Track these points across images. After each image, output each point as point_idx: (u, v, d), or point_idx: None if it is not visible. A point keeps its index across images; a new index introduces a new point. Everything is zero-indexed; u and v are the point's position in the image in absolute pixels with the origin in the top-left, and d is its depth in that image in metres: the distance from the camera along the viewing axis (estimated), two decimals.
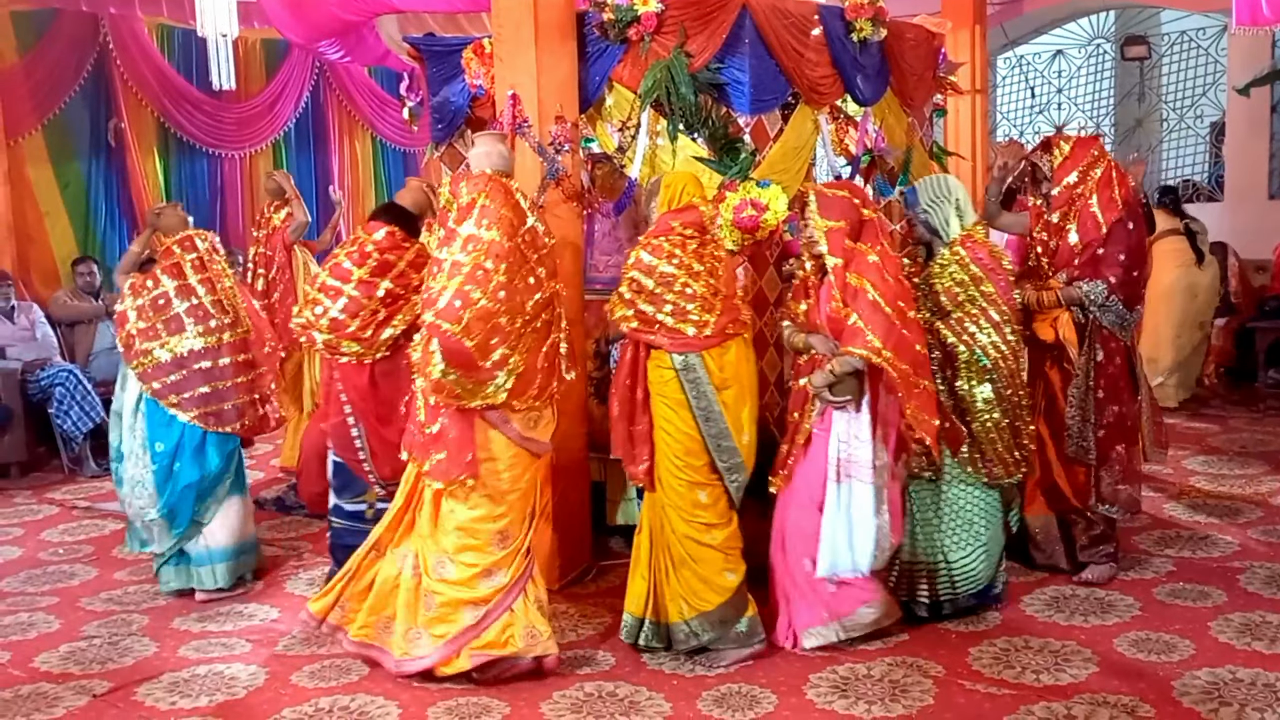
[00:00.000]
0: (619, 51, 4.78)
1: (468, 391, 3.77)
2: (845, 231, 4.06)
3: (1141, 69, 10.78)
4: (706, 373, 3.98)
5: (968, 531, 4.36)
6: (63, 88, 8.60)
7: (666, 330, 3.98)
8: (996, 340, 4.30)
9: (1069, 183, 4.61)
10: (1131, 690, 3.74)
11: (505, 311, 3.76)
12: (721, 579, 4.05)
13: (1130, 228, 4.57)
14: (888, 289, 4.00)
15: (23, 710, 3.88)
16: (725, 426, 4.01)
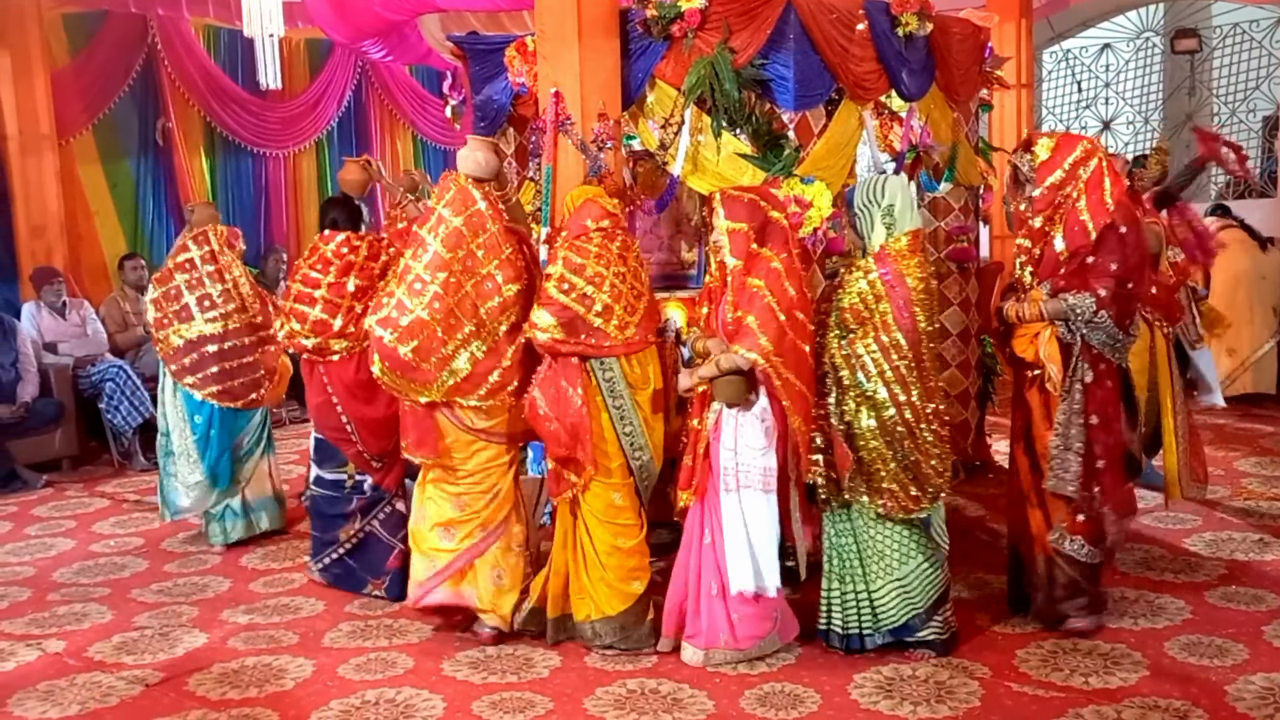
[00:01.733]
0: (662, 48, 4.77)
1: (409, 389, 4.11)
2: (748, 234, 3.96)
3: (1192, 62, 10.60)
4: (622, 373, 4.09)
5: (879, 564, 4.00)
6: (112, 88, 8.75)
7: (593, 332, 4.03)
8: (885, 367, 3.86)
9: (1052, 183, 4.07)
10: (1183, 695, 3.68)
11: (444, 320, 4.02)
12: (627, 586, 4.14)
13: (1123, 233, 4.03)
14: (784, 297, 3.89)
15: (78, 699, 3.95)
16: (639, 426, 4.12)
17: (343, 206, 4.97)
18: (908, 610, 4.00)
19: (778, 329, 3.85)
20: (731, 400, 3.94)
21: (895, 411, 3.87)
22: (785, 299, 3.89)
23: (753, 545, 3.96)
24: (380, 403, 4.61)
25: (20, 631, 4.62)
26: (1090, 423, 4.09)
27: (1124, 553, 4.71)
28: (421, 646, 4.30)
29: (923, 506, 3.97)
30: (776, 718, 3.64)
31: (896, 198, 3.98)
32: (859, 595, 4.03)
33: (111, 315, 8.01)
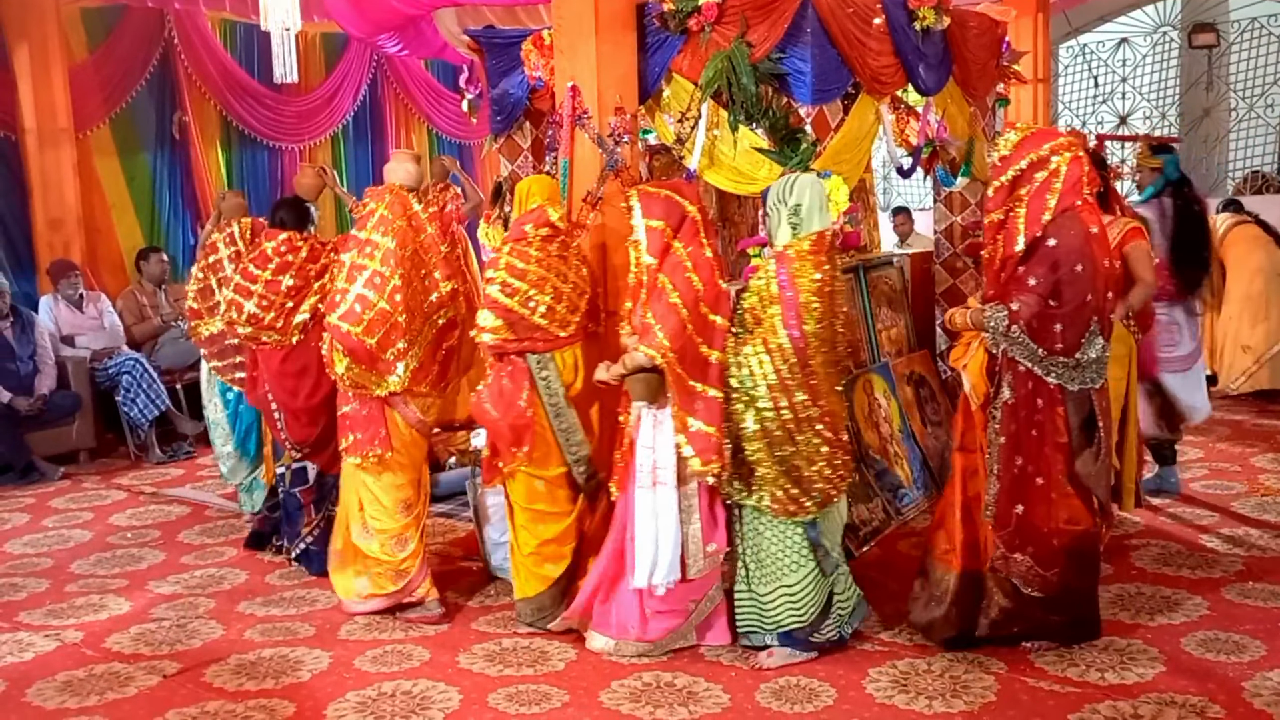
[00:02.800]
0: (679, 42, 4.76)
1: (372, 383, 4.38)
2: (664, 232, 3.95)
3: (1209, 57, 10.53)
4: (558, 370, 4.23)
5: (763, 568, 3.97)
6: (129, 82, 8.77)
7: (536, 330, 4.16)
8: (768, 370, 3.80)
9: (1003, 182, 3.83)
10: (1200, 690, 3.67)
11: (403, 311, 4.30)
12: (540, 569, 4.29)
13: (1051, 246, 3.72)
14: (689, 291, 3.86)
15: (96, 689, 3.98)
16: (574, 421, 4.26)
17: (291, 208, 5.19)
18: (793, 620, 3.96)
19: (677, 325, 3.84)
20: (642, 397, 3.95)
21: (774, 414, 3.82)
22: (690, 293, 3.87)
23: (659, 543, 3.96)
24: (300, 396, 4.95)
25: (39, 622, 4.65)
26: (1003, 442, 3.84)
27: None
28: (437, 639, 4.32)
29: (806, 511, 3.91)
30: (792, 712, 3.64)
31: (804, 197, 3.92)
32: (746, 594, 4.03)
33: (128, 308, 8.04)
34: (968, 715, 3.58)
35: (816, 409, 3.85)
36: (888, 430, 5.70)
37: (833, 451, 3.90)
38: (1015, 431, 3.83)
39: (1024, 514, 3.86)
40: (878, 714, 3.61)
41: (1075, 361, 3.79)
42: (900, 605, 4.32)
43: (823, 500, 3.92)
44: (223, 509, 6.24)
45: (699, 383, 3.86)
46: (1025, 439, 3.83)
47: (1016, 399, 3.81)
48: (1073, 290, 3.74)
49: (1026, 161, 3.79)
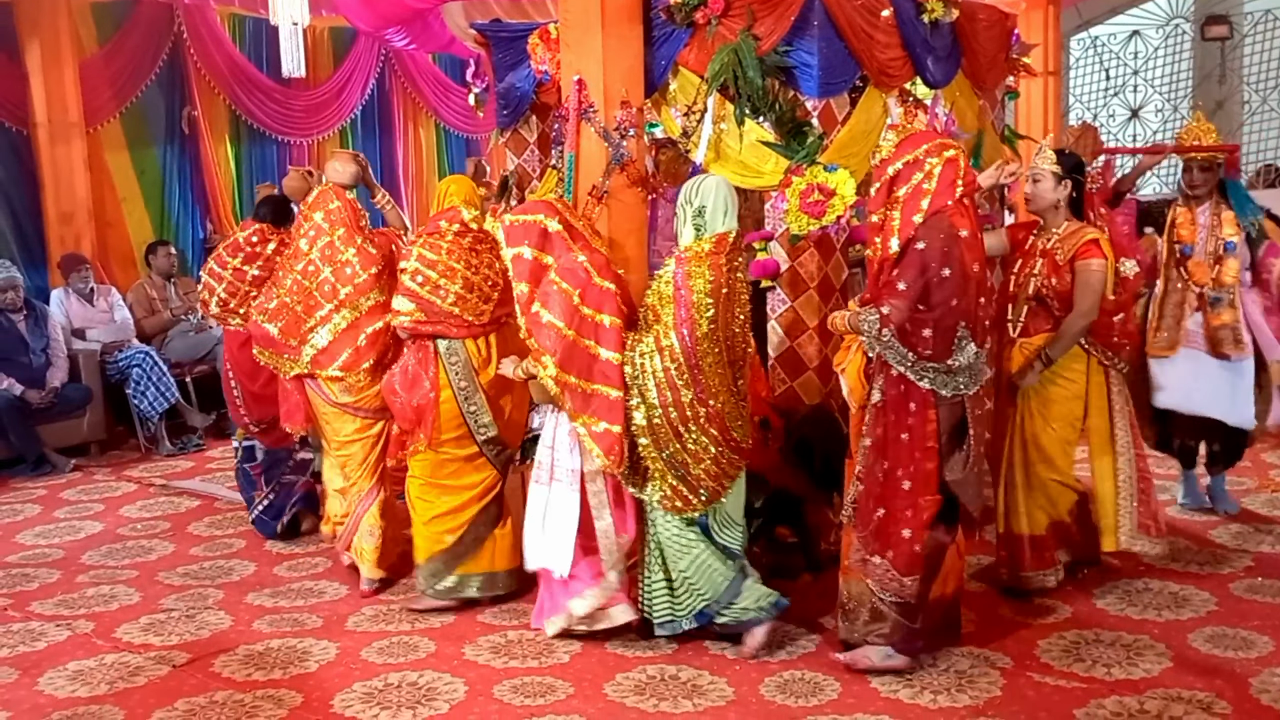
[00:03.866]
0: (685, 35, 4.75)
1: (280, 363, 4.89)
2: (529, 257, 4.04)
3: (1222, 50, 10.47)
4: (468, 356, 4.43)
5: (653, 556, 4.06)
6: (139, 76, 8.82)
7: (446, 316, 4.39)
8: (656, 367, 3.86)
9: (882, 182, 3.78)
10: (1207, 686, 3.66)
11: (303, 301, 4.75)
12: (439, 537, 4.53)
13: (920, 249, 3.62)
14: (565, 305, 3.92)
15: (106, 678, 4.00)
16: (483, 404, 4.45)
17: (273, 204, 5.50)
18: (697, 600, 4.02)
19: (557, 340, 3.92)
20: (542, 399, 4.14)
21: (661, 412, 3.87)
22: (566, 306, 3.93)
23: (548, 533, 4.11)
24: (260, 379, 5.29)
25: (50, 612, 4.68)
26: (867, 444, 3.79)
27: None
28: (443, 631, 4.33)
29: (694, 508, 3.96)
30: (796, 705, 3.65)
31: (709, 199, 3.94)
32: (657, 582, 4.09)
33: (139, 301, 8.08)
34: (973, 710, 3.58)
35: (704, 409, 3.88)
36: None
37: (720, 451, 3.93)
38: (882, 434, 3.76)
39: (885, 517, 3.78)
40: (882, 708, 3.61)
41: (947, 367, 3.69)
42: None
43: (710, 498, 3.98)
44: (231, 501, 6.26)
45: (595, 384, 3.92)
46: (894, 442, 3.75)
47: (886, 402, 3.75)
48: (940, 295, 3.64)
49: (903, 163, 3.73)
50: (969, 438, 3.77)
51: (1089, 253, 4.26)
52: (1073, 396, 4.38)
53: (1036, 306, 4.37)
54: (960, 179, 3.68)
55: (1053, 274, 4.30)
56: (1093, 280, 4.25)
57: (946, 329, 3.67)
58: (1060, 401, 4.37)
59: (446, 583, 4.53)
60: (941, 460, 3.76)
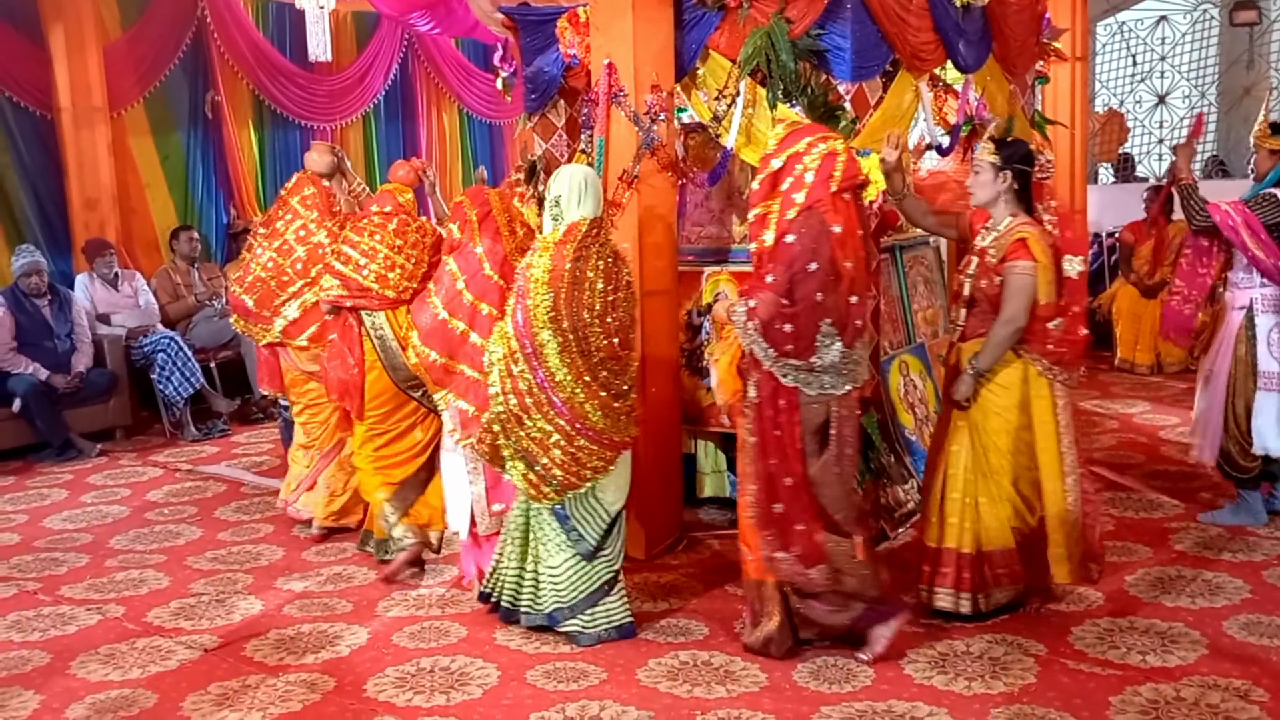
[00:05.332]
0: (716, 19, 4.72)
1: (255, 331, 5.33)
2: (455, 237, 4.38)
3: (1251, 35, 10.36)
4: (392, 329, 4.71)
5: (541, 548, 4.07)
6: (163, 61, 8.80)
7: (366, 292, 4.72)
8: (500, 353, 3.95)
9: (765, 175, 3.73)
10: (1243, 674, 3.63)
11: (276, 276, 5.18)
12: (389, 476, 4.84)
13: (788, 243, 3.58)
14: (450, 289, 4.25)
15: (139, 662, 4.02)
16: (409, 372, 4.62)
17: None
18: (554, 600, 4.03)
19: (429, 318, 4.28)
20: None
21: (503, 398, 3.94)
22: (450, 290, 4.26)
23: (454, 498, 4.46)
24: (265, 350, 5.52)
25: (80, 596, 4.70)
26: (753, 441, 3.76)
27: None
28: (474, 616, 4.33)
29: (547, 496, 3.96)
30: (830, 691, 3.63)
31: (563, 189, 3.97)
32: (523, 571, 4.12)
33: (163, 286, 8.11)
34: (1008, 697, 3.56)
35: (545, 396, 3.88)
36: (923, 411, 5.66)
37: (569, 442, 3.91)
38: (762, 431, 3.73)
39: (783, 513, 3.74)
40: (917, 694, 3.60)
41: (809, 365, 3.64)
42: None
43: (562, 487, 3.95)
44: (258, 486, 6.29)
45: (460, 363, 4.23)
46: (771, 438, 3.72)
47: (761, 398, 3.71)
48: (803, 290, 3.59)
49: (786, 156, 3.68)
50: (831, 439, 3.71)
51: (1016, 253, 3.93)
52: (1009, 406, 4.03)
53: (974, 308, 4.09)
54: (837, 173, 3.62)
55: (983, 275, 4.01)
56: (1016, 284, 3.92)
57: (809, 325, 3.61)
58: (996, 412, 4.04)
59: (396, 533, 4.82)
60: (806, 459, 3.71)
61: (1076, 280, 4.08)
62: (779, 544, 3.75)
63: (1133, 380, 8.29)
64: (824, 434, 3.72)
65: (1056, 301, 3.98)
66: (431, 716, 3.56)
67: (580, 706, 3.58)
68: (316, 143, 5.62)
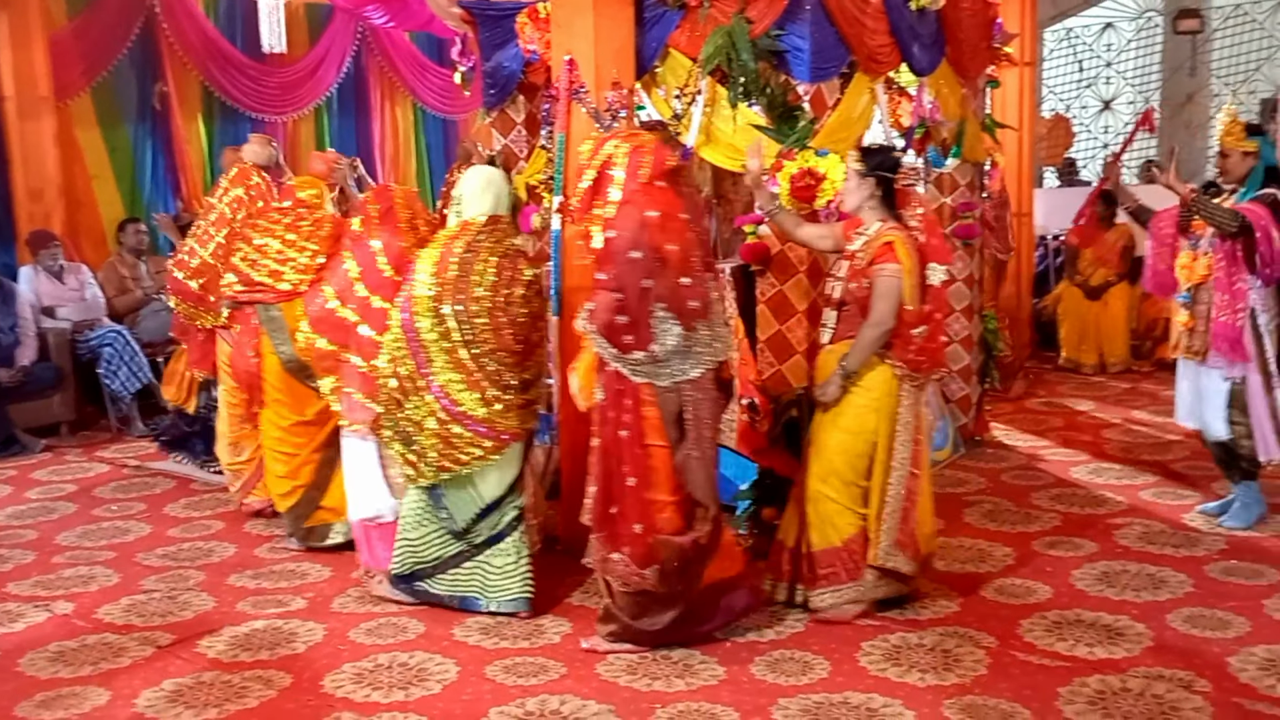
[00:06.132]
0: (676, 17, 4.75)
1: (199, 316, 5.45)
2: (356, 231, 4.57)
3: (1193, 43, 10.61)
4: (283, 316, 4.86)
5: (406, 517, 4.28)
6: (111, 51, 8.62)
7: (261, 285, 4.91)
8: (390, 338, 4.14)
9: (585, 185, 3.83)
10: (1187, 666, 3.73)
11: (224, 261, 5.21)
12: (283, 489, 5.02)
13: (613, 237, 3.66)
14: (343, 280, 4.43)
15: (90, 659, 3.96)
16: (299, 361, 4.77)
17: None
18: (414, 564, 4.27)
19: (318, 308, 4.50)
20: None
21: (385, 381, 4.14)
22: (344, 281, 4.45)
23: (355, 483, 4.52)
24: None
25: (27, 593, 4.62)
26: (596, 445, 3.84)
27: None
28: (432, 612, 4.31)
29: (424, 476, 4.13)
30: (787, 684, 3.68)
31: (465, 188, 4.19)
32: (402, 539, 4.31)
33: (110, 279, 7.97)
34: (960, 688, 3.63)
35: (425, 381, 4.05)
36: None
37: (444, 427, 4.05)
38: (605, 433, 3.80)
39: (618, 514, 3.80)
40: (872, 686, 3.65)
41: (651, 355, 3.68)
42: None
43: (437, 470, 4.10)
44: (208, 483, 6.21)
45: (350, 352, 4.39)
46: (615, 439, 3.76)
47: (607, 399, 3.78)
48: (630, 279, 3.65)
49: (599, 164, 3.78)
50: (688, 425, 3.75)
51: (882, 257, 3.96)
52: (867, 406, 4.05)
53: (843, 311, 4.11)
54: (644, 166, 3.71)
55: (853, 278, 4.04)
56: (884, 286, 3.95)
57: (642, 313, 3.65)
58: (852, 411, 4.06)
59: (308, 526, 4.98)
60: (673, 450, 3.75)
61: (939, 288, 4.08)
62: (614, 545, 3.83)
63: (1078, 380, 8.46)
64: (682, 422, 3.77)
65: (921, 308, 4.01)
66: (391, 712, 3.55)
67: (540, 701, 3.59)
68: (256, 135, 5.74)
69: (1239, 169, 4.85)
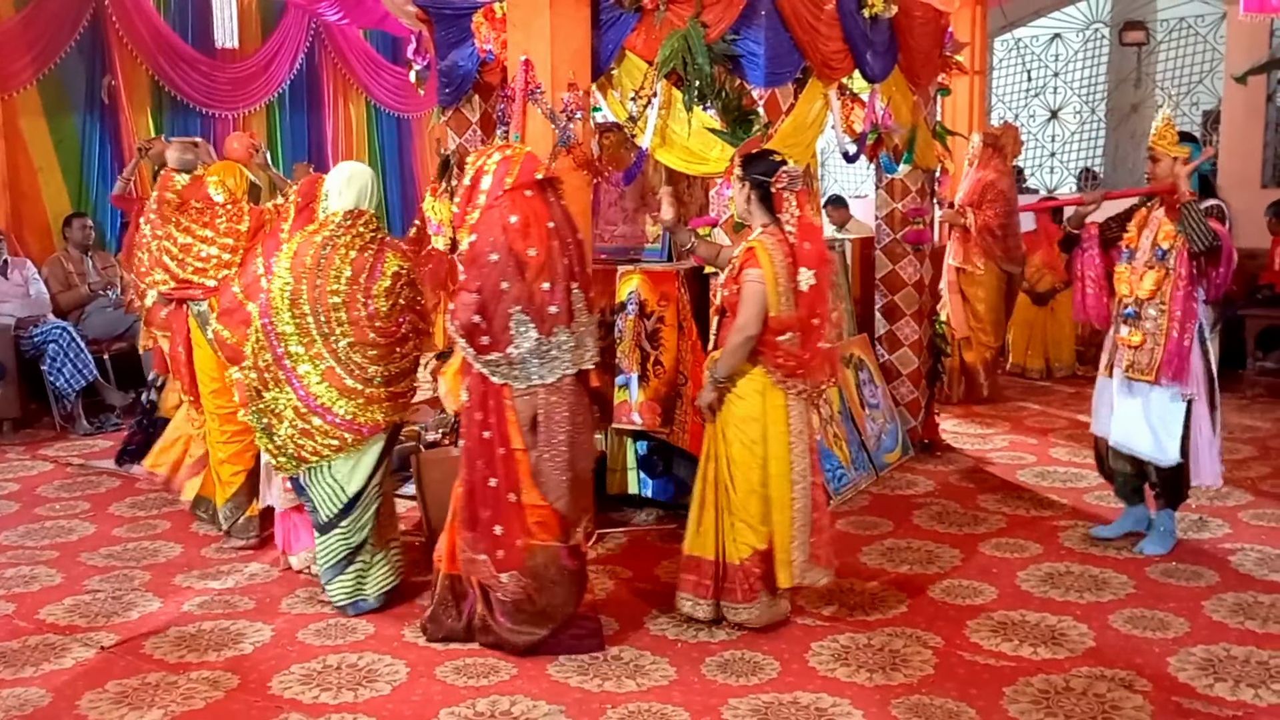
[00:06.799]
0: (633, 20, 4.76)
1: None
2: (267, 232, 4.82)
3: (1139, 54, 10.82)
4: (213, 313, 4.93)
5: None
6: (58, 43, 8.48)
7: (189, 283, 4.99)
8: (250, 332, 4.34)
9: (461, 194, 3.93)
10: (1128, 665, 3.81)
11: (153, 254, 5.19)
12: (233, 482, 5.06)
13: (474, 240, 3.76)
14: (253, 271, 4.70)
15: (31, 660, 3.90)
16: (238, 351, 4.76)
17: None
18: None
19: (232, 301, 4.79)
20: None
21: (245, 371, 4.29)
22: (252, 277, 4.64)
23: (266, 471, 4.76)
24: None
25: None
26: (464, 447, 3.91)
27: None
28: (381, 613, 4.28)
29: (284, 467, 4.26)
30: (738, 684, 3.70)
31: (330, 184, 4.34)
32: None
33: (55, 275, 7.83)
34: (907, 688, 3.67)
35: (282, 373, 4.17)
36: (827, 412, 5.79)
37: (301, 418, 4.16)
38: (470, 434, 3.85)
39: (488, 519, 3.83)
40: (821, 686, 3.69)
41: (507, 357, 3.73)
42: (841, 582, 4.42)
43: (296, 460, 4.20)
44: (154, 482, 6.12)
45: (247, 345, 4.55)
46: (479, 441, 3.82)
47: (471, 402, 3.83)
48: (489, 280, 3.72)
49: (473, 172, 3.89)
50: (540, 427, 3.77)
51: (746, 262, 3.93)
52: (747, 416, 3.99)
53: (724, 318, 4.08)
54: (510, 175, 3.79)
55: (727, 284, 4.04)
56: (748, 292, 3.89)
57: (499, 315, 3.72)
58: (735, 422, 4.01)
59: (248, 516, 5.04)
60: (527, 452, 3.79)
61: (808, 293, 3.94)
62: (480, 546, 3.85)
63: (1024, 385, 8.59)
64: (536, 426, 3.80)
65: (791, 314, 3.92)
66: (340, 713, 3.52)
67: (491, 702, 3.58)
68: (176, 140, 5.74)
69: (1162, 176, 4.63)
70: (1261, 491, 5.77)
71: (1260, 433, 7.01)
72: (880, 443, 6.25)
